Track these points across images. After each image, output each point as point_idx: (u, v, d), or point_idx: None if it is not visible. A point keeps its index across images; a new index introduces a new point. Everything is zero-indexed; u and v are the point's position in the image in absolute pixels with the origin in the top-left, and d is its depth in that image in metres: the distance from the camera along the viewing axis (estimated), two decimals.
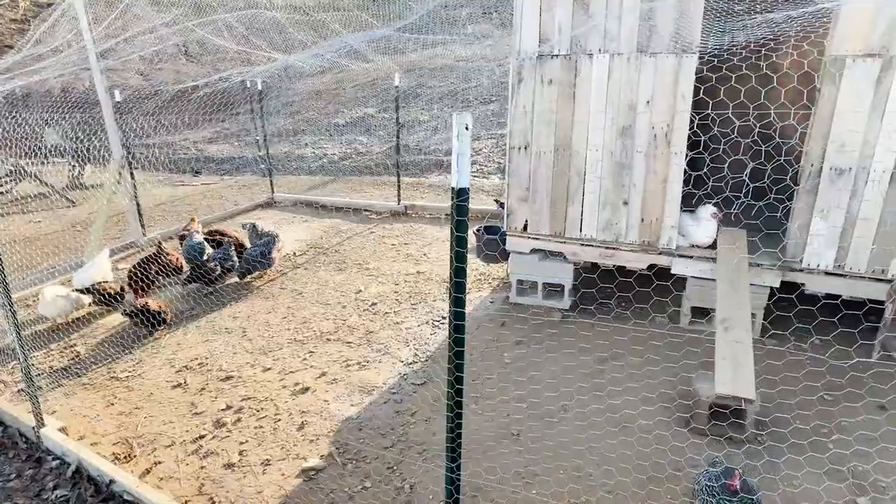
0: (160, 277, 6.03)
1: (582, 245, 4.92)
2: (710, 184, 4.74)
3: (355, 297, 5.87)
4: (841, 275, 4.18)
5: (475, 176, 11.92)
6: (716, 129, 5.23)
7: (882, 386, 3.74)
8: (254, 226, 6.43)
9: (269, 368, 4.57)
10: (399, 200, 8.96)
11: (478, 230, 5.78)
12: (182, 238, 6.49)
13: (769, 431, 3.48)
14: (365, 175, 12.29)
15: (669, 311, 5.00)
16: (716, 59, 4.33)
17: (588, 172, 4.71)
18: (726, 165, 4.91)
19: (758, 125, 5.68)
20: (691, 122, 4.32)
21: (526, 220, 5.07)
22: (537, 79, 4.69)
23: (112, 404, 4.16)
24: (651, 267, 4.79)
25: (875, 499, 3.01)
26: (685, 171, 4.43)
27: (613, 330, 4.80)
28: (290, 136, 16.81)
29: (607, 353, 4.48)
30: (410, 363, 4.59)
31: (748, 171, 4.98)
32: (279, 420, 3.90)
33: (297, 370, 4.54)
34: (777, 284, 4.34)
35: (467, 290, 5.92)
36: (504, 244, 5.42)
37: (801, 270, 4.29)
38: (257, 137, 12.76)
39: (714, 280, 4.53)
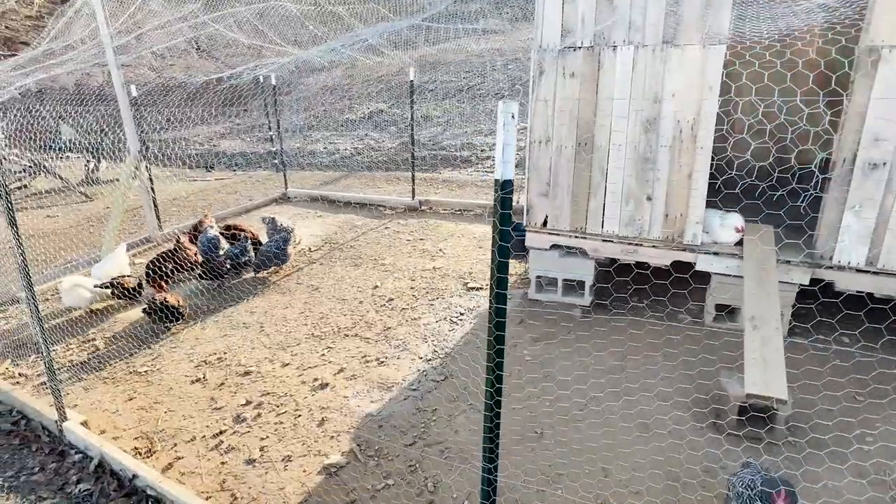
0: (177, 272, 6.03)
1: (604, 241, 4.84)
2: (734, 173, 4.64)
3: (372, 293, 5.83)
4: (873, 272, 4.07)
5: (489, 171, 11.85)
6: (738, 115, 5.11)
7: None
8: (273, 220, 6.41)
9: (288, 364, 4.55)
10: (413, 196, 8.91)
11: None
12: (195, 233, 6.48)
13: (801, 433, 3.40)
14: (377, 170, 12.25)
15: (690, 307, 4.92)
16: (738, 46, 4.23)
17: (611, 167, 4.62)
18: (749, 153, 4.81)
19: (781, 113, 5.55)
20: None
21: (546, 216, 4.99)
22: (559, 72, 4.60)
23: (132, 399, 4.16)
24: (673, 263, 4.70)
25: None
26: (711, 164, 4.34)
27: (634, 327, 4.73)
28: (301, 132, 16.83)
29: (629, 350, 4.41)
30: (429, 360, 4.54)
31: (770, 159, 4.86)
32: (299, 416, 3.87)
33: (316, 366, 4.51)
34: (806, 282, 4.23)
35: (483, 287, 5.88)
36: (521, 239, 5.35)
37: (830, 268, 4.18)
38: (270, 133, 12.75)
39: (740, 277, 4.44)
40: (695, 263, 4.58)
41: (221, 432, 3.73)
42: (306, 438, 3.64)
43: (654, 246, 4.67)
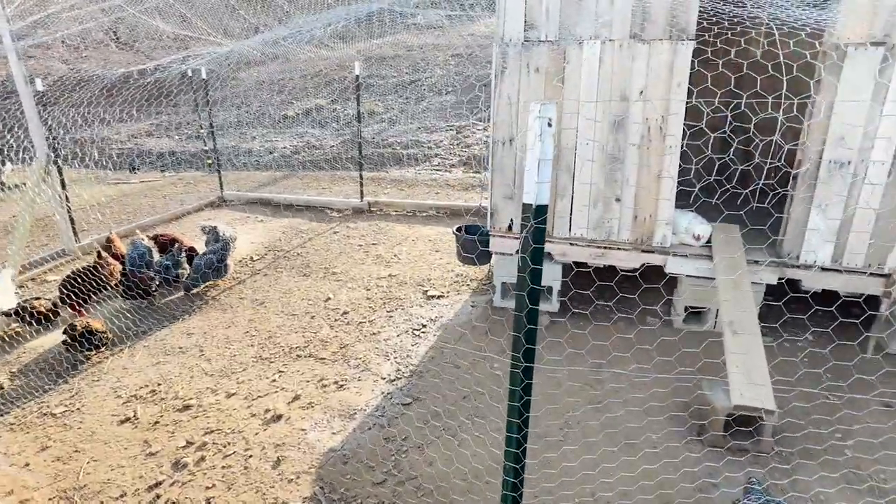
0: (99, 291, 5.33)
1: (571, 244, 4.63)
2: (696, 169, 4.55)
3: (324, 306, 5.38)
4: (838, 270, 4.07)
5: (436, 169, 11.54)
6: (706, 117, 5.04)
7: (885, 384, 3.65)
8: (214, 229, 5.80)
9: (234, 394, 4.05)
10: (362, 197, 8.45)
11: (458, 230, 5.40)
12: (103, 252, 5.64)
13: (787, 441, 3.31)
14: (320, 170, 11.66)
15: (657, 310, 4.80)
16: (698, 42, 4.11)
17: (578, 168, 4.41)
18: (708, 155, 4.74)
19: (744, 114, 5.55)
20: None
21: (511, 220, 4.73)
22: (523, 67, 4.33)
23: (46, 448, 3.54)
24: (642, 266, 4.56)
25: None
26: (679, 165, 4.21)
27: (604, 332, 4.55)
28: (235, 129, 15.87)
29: (602, 359, 4.22)
30: (393, 380, 4.18)
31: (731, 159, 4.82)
32: (250, 457, 3.41)
33: (267, 394, 4.04)
34: (774, 282, 4.19)
35: (444, 294, 5.57)
36: (483, 245, 5.07)
37: (797, 267, 4.16)
38: (201, 130, 11.84)
39: (709, 278, 4.36)
40: (665, 266, 4.45)
41: (158, 484, 3.21)
42: (260, 484, 3.19)
43: (623, 249, 4.51)
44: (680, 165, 4.21)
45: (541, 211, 1.12)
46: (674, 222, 4.40)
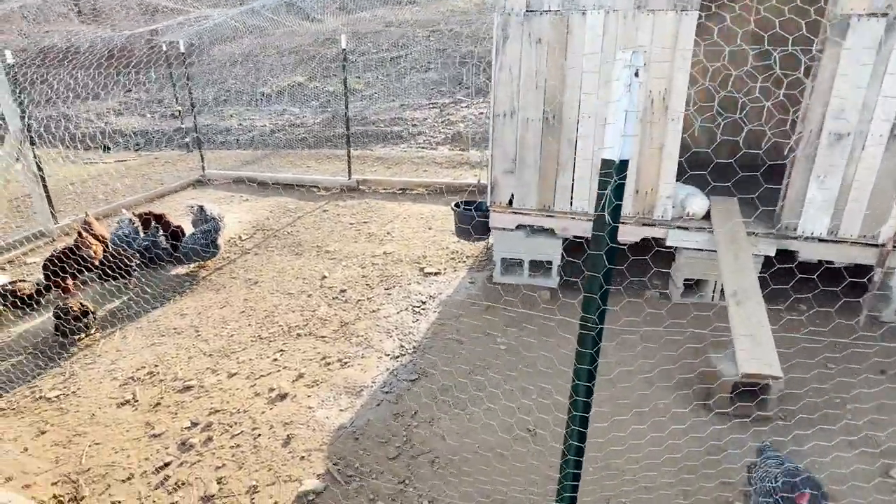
0: (80, 272, 5.13)
1: (572, 219, 4.62)
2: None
3: (320, 284, 5.29)
4: (834, 241, 4.15)
5: (422, 147, 11.40)
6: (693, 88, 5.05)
7: (873, 350, 3.76)
8: (202, 208, 5.63)
9: (236, 373, 3.97)
10: (350, 175, 8.30)
11: (456, 205, 5.34)
12: (84, 232, 5.37)
13: (788, 405, 3.39)
14: (303, 148, 11.41)
15: (654, 281, 4.86)
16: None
17: (580, 140, 4.38)
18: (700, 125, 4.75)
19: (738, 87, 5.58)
20: None
21: (512, 194, 4.69)
22: (525, 38, 4.26)
23: (44, 432, 3.42)
24: (643, 240, 4.58)
25: None
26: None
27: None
28: (211, 107, 15.40)
29: (606, 333, 4.24)
30: (397, 356, 4.14)
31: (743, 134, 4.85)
32: (259, 436, 3.35)
33: (269, 373, 3.97)
34: (772, 253, 4.26)
35: (440, 271, 5.53)
36: (481, 218, 5.03)
37: (795, 238, 4.23)
38: (179, 108, 11.44)
39: (706, 251, 4.40)
40: (666, 239, 4.48)
41: (166, 465, 3.14)
42: (272, 462, 3.14)
43: (624, 223, 4.52)
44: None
45: (623, 167, 1.09)
46: (674, 196, 4.42)
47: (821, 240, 4.19)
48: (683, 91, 4.09)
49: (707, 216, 4.46)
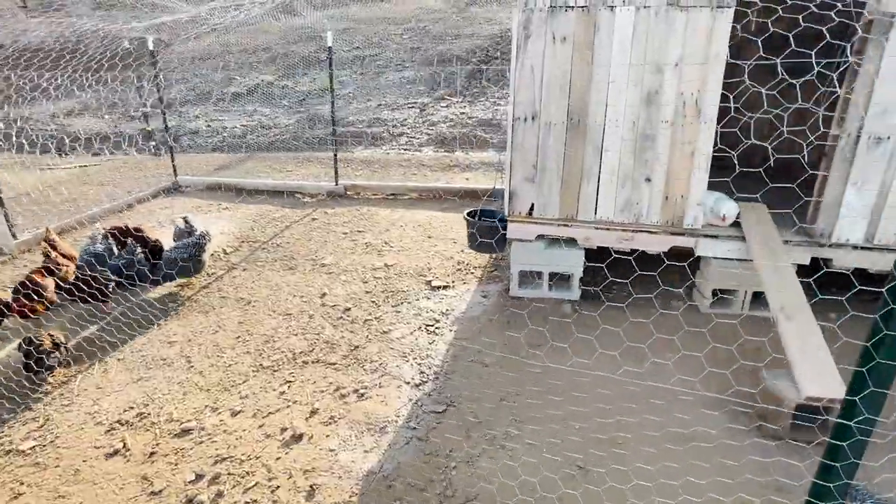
0: (51, 294, 4.56)
1: (596, 228, 4.35)
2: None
3: (321, 303, 4.87)
4: (870, 248, 4.00)
5: (405, 149, 11.01)
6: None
7: None
8: (186, 219, 5.12)
9: (240, 411, 3.53)
10: (337, 180, 7.85)
11: (471, 213, 5.00)
12: (52, 252, 4.82)
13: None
14: (280, 151, 10.85)
15: (679, 293, 4.64)
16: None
17: (606, 145, 4.11)
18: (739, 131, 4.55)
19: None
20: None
21: (532, 204, 4.39)
22: (548, 35, 3.95)
23: (19, 496, 2.92)
24: (669, 249, 4.35)
25: None
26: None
27: (630, 320, 4.33)
28: (177, 107, 14.61)
29: (636, 349, 3.99)
30: (419, 384, 3.78)
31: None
32: (277, 487, 2.94)
33: (278, 409, 3.55)
34: (807, 262, 4.09)
35: (449, 285, 5.18)
36: (498, 229, 4.71)
37: (829, 245, 4.07)
38: (144, 109, 10.71)
39: (739, 260, 4.20)
40: (694, 249, 4.26)
41: None
42: None
43: (652, 231, 4.28)
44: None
45: None
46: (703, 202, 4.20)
47: (856, 247, 4.03)
48: (717, 93, 3.87)
49: (736, 223, 4.26)
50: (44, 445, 3.27)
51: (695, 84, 3.87)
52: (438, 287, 5.12)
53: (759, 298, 4.23)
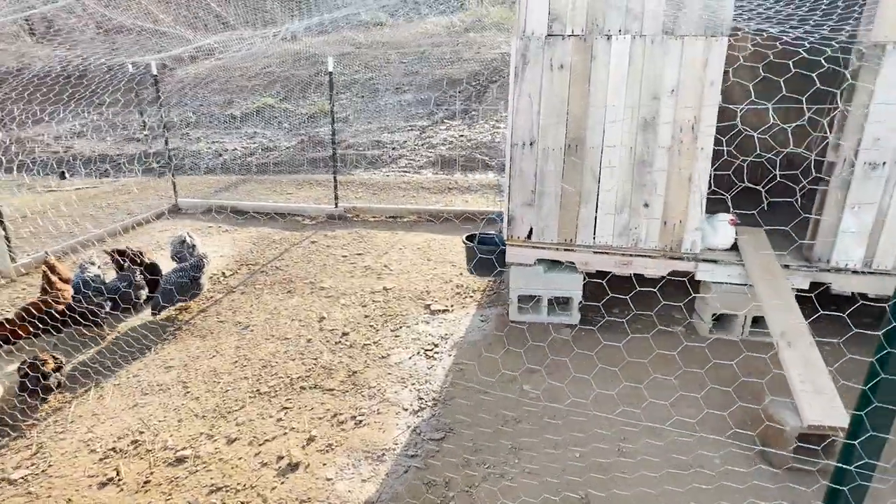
0: (49, 321, 4.55)
1: (595, 253, 4.36)
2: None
3: (319, 327, 4.85)
4: (870, 273, 4.01)
5: (404, 171, 11.08)
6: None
7: None
8: (182, 241, 5.12)
9: (236, 439, 3.49)
10: (337, 203, 7.88)
11: (470, 237, 5.01)
12: (52, 277, 4.82)
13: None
14: (280, 174, 10.93)
15: (678, 317, 4.63)
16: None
17: (604, 171, 4.14)
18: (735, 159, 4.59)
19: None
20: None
21: (531, 228, 4.40)
22: (546, 63, 4.01)
23: None
24: (668, 274, 4.35)
25: None
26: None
27: (630, 344, 4.31)
28: (178, 130, 14.74)
29: (636, 374, 3.96)
30: (417, 411, 3.74)
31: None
32: None
33: (275, 437, 3.51)
34: (807, 287, 4.09)
35: (448, 308, 5.16)
36: (494, 253, 4.71)
37: (828, 270, 4.07)
38: (145, 132, 10.82)
39: (739, 284, 4.20)
40: (694, 273, 4.26)
41: None
42: None
43: (649, 256, 4.28)
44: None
45: None
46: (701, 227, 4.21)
47: (854, 272, 4.04)
48: (713, 120, 3.91)
49: (734, 247, 4.27)
50: (36, 474, 3.22)
51: (691, 111, 3.91)
52: (437, 311, 5.10)
53: (759, 322, 4.22)
